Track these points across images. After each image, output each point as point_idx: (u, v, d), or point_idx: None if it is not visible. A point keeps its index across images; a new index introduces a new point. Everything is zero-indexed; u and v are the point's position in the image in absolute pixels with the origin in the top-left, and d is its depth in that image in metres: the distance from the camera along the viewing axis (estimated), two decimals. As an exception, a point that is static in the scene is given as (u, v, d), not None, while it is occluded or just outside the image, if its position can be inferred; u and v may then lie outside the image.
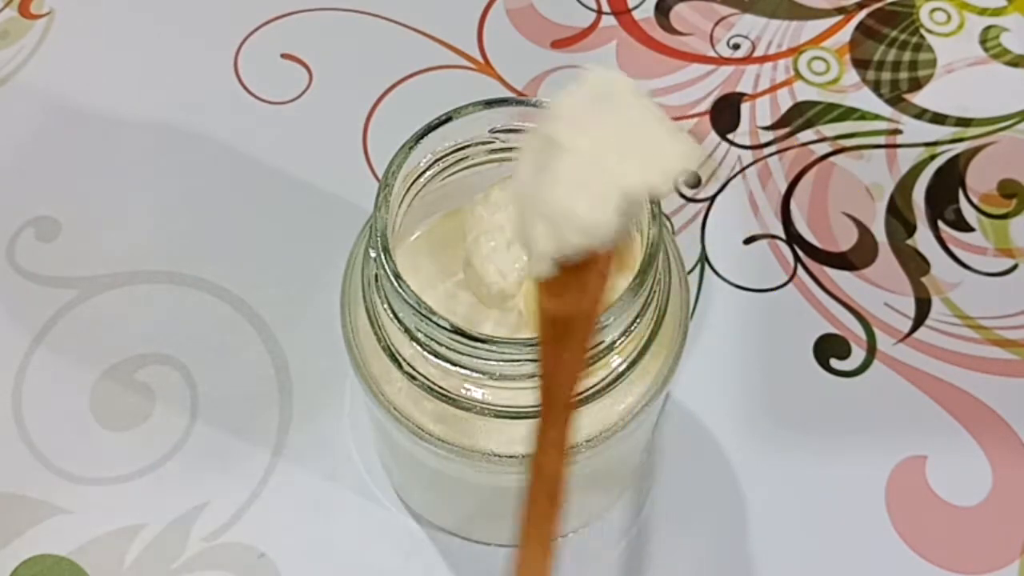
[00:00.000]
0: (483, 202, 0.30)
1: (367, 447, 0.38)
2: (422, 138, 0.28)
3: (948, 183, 0.44)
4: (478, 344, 0.25)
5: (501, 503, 0.33)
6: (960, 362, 0.40)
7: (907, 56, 0.48)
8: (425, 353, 0.27)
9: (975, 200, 0.44)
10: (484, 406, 0.27)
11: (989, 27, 0.49)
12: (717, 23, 0.49)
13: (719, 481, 0.37)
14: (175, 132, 0.45)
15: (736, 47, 0.48)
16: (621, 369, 0.28)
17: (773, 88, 0.47)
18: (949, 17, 0.49)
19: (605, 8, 0.49)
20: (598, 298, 0.22)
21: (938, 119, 0.46)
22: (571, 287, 0.21)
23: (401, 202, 0.28)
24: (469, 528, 0.36)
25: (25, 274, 0.41)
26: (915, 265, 0.42)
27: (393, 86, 0.46)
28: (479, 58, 0.47)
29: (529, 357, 0.26)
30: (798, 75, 0.47)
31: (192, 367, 0.39)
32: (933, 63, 0.48)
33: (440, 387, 0.28)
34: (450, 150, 0.29)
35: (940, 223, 0.43)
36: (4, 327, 0.40)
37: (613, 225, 0.20)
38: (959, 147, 0.45)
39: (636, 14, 0.49)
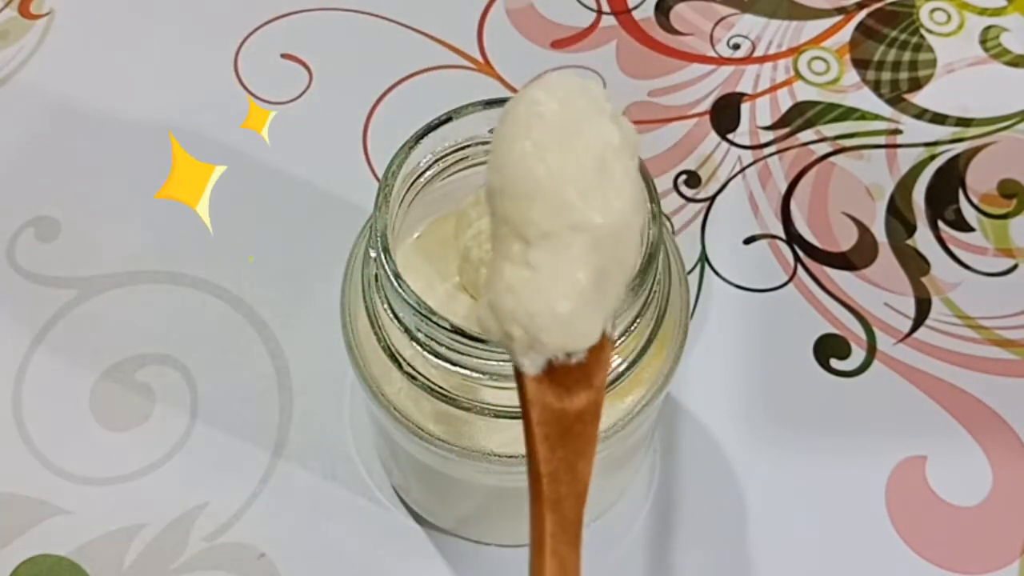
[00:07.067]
0: (473, 204, 0.30)
1: (367, 447, 0.38)
2: (422, 138, 0.28)
3: (948, 183, 0.44)
4: (478, 344, 0.25)
5: (501, 503, 0.34)
6: (960, 362, 0.40)
7: (907, 56, 0.48)
8: (425, 353, 0.27)
9: (975, 200, 0.44)
10: (484, 406, 0.27)
11: (989, 27, 0.49)
12: (717, 23, 0.49)
13: (719, 481, 0.37)
14: (175, 132, 0.45)
15: (736, 47, 0.48)
16: (621, 369, 0.28)
17: (773, 88, 0.47)
18: (949, 17, 0.49)
19: (605, 8, 0.49)
20: (602, 384, 0.19)
21: (938, 119, 0.46)
22: (574, 376, 0.18)
23: (401, 202, 0.28)
24: (469, 528, 0.36)
25: (25, 274, 0.41)
26: (915, 265, 0.42)
27: (393, 86, 0.46)
28: (479, 58, 0.47)
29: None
30: (798, 75, 0.47)
31: (192, 367, 0.39)
32: (933, 63, 0.48)
33: (440, 387, 0.28)
34: (450, 150, 0.29)
35: (940, 223, 0.43)
36: (4, 327, 0.40)
37: (598, 326, 0.17)
38: (959, 147, 0.45)
39: (636, 14, 0.49)
